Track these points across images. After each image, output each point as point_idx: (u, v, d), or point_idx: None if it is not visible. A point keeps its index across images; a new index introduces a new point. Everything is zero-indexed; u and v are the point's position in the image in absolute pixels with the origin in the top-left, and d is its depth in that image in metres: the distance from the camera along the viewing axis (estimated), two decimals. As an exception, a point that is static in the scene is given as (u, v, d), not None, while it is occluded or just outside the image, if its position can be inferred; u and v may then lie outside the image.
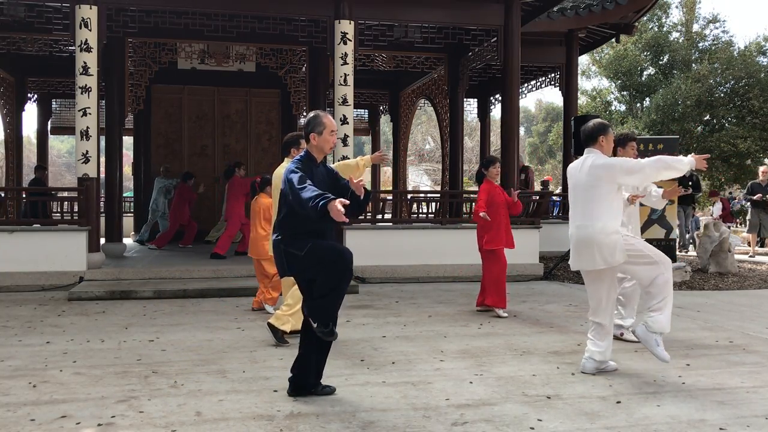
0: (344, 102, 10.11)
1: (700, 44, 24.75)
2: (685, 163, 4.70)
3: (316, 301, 4.12)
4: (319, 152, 4.27)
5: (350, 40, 10.06)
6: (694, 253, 13.30)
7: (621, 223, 4.95)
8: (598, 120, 5.15)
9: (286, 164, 5.78)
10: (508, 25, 10.77)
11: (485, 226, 7.46)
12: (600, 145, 4.96)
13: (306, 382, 4.30)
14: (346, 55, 10.05)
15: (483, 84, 16.70)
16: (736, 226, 19.14)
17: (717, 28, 25.10)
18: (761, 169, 15.03)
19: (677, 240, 11.65)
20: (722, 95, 21.90)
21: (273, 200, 6.14)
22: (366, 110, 19.91)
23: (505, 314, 7.27)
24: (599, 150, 4.95)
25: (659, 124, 21.55)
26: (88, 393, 4.37)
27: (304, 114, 13.57)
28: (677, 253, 11.23)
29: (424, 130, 41.43)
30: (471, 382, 4.68)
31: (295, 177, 3.96)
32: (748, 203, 14.39)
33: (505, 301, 7.36)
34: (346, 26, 10.02)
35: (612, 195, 4.86)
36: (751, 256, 14.00)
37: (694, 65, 23.28)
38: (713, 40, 24.73)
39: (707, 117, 22.56)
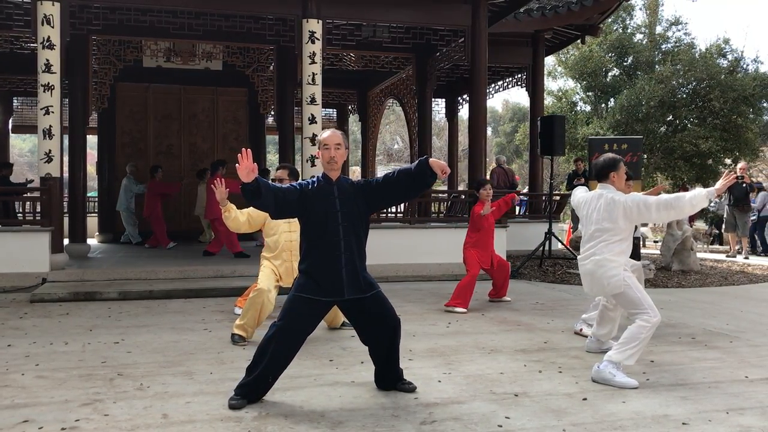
0: (312, 101, 10.08)
1: (663, 46, 25.14)
2: (700, 198, 4.56)
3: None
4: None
5: (318, 39, 10.03)
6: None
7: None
8: (610, 156, 5.11)
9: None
10: (475, 25, 10.84)
11: (472, 244, 7.86)
12: (612, 181, 5.00)
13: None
14: (313, 54, 10.02)
15: (451, 84, 16.78)
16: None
17: (679, 30, 25.51)
18: (739, 165, 15.11)
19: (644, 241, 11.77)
20: (684, 96, 22.30)
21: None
22: (334, 109, 19.88)
23: (462, 311, 7.52)
24: (611, 185, 5.00)
25: (623, 124, 21.87)
26: (52, 396, 4.29)
27: (272, 113, 13.50)
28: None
29: (393, 129, 41.48)
30: (439, 381, 4.71)
31: None
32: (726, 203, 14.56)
33: (465, 304, 7.63)
34: (314, 25, 9.99)
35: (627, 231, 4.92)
36: (730, 256, 13.96)
37: (657, 66, 23.64)
38: (675, 42, 25.13)
39: (670, 117, 22.96)
